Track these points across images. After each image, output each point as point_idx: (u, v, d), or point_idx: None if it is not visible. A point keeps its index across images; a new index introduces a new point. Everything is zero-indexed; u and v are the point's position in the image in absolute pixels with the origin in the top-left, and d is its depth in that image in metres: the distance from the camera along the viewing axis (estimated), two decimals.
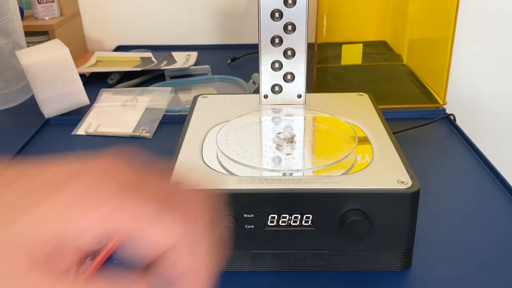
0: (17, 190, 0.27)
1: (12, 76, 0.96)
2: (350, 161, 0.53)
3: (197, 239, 0.27)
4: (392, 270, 0.51)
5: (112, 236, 0.28)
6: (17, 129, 0.86)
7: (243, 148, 0.55)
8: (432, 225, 0.59)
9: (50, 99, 0.86)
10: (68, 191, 0.27)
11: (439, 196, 0.65)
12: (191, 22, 1.29)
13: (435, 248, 0.55)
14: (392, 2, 1.03)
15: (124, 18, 1.30)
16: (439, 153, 0.77)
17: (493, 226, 0.59)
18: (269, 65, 0.64)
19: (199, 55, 1.17)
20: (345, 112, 0.63)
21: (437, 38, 0.92)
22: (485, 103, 1.29)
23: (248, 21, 1.28)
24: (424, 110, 0.88)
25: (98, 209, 0.26)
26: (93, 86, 0.98)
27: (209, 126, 0.61)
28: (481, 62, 1.26)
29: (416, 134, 0.81)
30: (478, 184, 0.68)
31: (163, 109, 0.88)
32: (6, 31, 0.94)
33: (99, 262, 0.54)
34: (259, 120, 0.63)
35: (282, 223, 0.49)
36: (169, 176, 0.31)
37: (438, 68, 0.89)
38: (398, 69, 1.03)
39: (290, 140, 0.55)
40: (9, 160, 0.74)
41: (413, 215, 0.49)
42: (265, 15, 0.61)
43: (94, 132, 0.83)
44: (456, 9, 0.81)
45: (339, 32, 0.97)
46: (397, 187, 0.48)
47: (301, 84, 0.65)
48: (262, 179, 0.50)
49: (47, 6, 1.17)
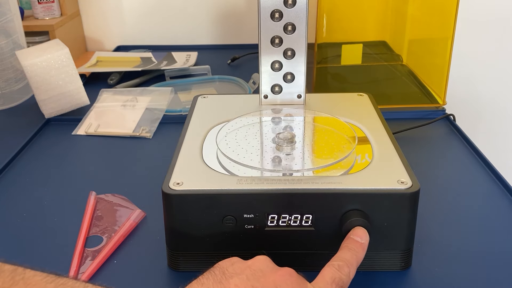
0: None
1: (12, 76, 0.96)
2: (350, 161, 0.53)
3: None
4: (392, 270, 0.52)
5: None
6: (17, 129, 0.86)
7: (243, 148, 0.55)
8: (432, 225, 0.59)
9: (50, 99, 0.86)
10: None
11: (439, 196, 0.65)
12: (191, 22, 1.29)
13: (435, 248, 0.55)
14: (392, 2, 1.03)
15: (124, 18, 1.30)
16: (439, 153, 0.77)
17: (493, 226, 0.59)
18: (269, 65, 0.64)
19: (199, 55, 1.18)
20: (345, 112, 0.63)
21: (436, 38, 0.92)
22: (485, 103, 1.29)
23: (248, 21, 1.28)
24: (424, 110, 0.88)
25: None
26: (93, 86, 0.98)
27: (209, 126, 0.61)
28: (481, 62, 1.26)
29: (416, 134, 0.81)
30: (477, 184, 0.68)
31: (163, 109, 0.88)
32: (6, 31, 0.94)
33: (99, 262, 0.54)
34: (259, 120, 0.63)
35: (282, 223, 0.49)
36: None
37: (438, 68, 0.89)
38: (398, 69, 1.03)
39: (290, 140, 0.55)
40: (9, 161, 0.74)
41: (413, 215, 0.49)
42: (265, 15, 0.61)
43: (94, 132, 0.83)
44: (456, 9, 0.81)
45: (339, 32, 0.97)
46: (397, 187, 0.48)
47: (301, 84, 0.65)
48: (262, 179, 0.50)
49: (47, 6, 1.17)
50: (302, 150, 0.56)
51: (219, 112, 0.65)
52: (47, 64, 0.84)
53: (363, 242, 0.44)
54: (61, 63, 0.85)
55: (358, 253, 0.43)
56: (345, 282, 0.41)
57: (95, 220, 0.61)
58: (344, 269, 0.41)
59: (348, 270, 0.41)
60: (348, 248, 0.44)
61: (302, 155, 0.55)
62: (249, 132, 0.59)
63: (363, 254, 0.44)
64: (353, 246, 0.44)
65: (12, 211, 0.64)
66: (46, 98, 0.85)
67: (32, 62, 0.83)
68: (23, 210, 0.64)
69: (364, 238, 0.45)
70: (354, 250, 0.43)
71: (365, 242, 0.45)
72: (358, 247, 0.44)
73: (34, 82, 0.84)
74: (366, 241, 0.45)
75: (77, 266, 0.53)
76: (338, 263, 0.42)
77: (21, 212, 0.63)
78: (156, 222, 0.59)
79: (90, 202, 0.63)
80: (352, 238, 0.45)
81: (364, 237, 0.45)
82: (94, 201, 0.64)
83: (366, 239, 0.45)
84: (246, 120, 0.62)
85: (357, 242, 0.44)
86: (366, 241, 0.45)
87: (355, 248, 0.44)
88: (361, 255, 0.44)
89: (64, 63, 0.85)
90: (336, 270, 0.41)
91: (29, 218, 0.62)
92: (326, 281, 0.40)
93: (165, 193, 0.48)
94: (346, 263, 0.42)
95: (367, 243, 0.45)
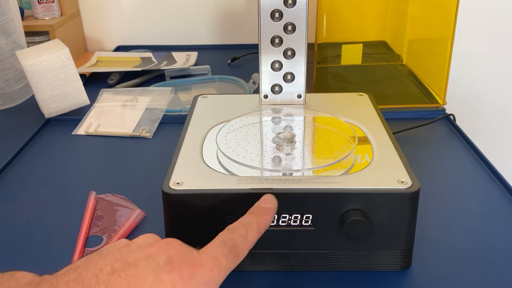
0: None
1: (12, 76, 0.96)
2: (350, 161, 0.53)
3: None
4: (392, 270, 0.52)
5: None
6: (17, 129, 0.86)
7: (243, 148, 0.55)
8: (432, 225, 0.59)
9: (50, 99, 0.86)
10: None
11: (439, 196, 0.65)
12: (191, 22, 1.29)
13: (435, 248, 0.55)
14: (392, 2, 1.03)
15: (124, 18, 1.30)
16: (439, 153, 0.77)
17: (493, 226, 0.59)
18: (269, 65, 0.64)
19: (199, 55, 1.18)
20: (345, 112, 0.63)
21: (436, 38, 0.92)
22: (485, 103, 1.29)
23: (248, 21, 1.28)
24: (424, 110, 0.88)
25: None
26: (93, 86, 0.98)
27: (209, 126, 0.61)
28: (481, 62, 1.26)
29: (416, 134, 0.81)
30: (477, 184, 0.68)
31: (163, 109, 0.88)
32: (6, 31, 0.94)
33: None
34: (259, 120, 0.63)
35: (282, 223, 0.49)
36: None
37: (438, 68, 0.89)
38: (398, 69, 1.03)
39: (290, 140, 0.55)
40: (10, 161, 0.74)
41: (413, 215, 0.49)
42: (265, 15, 0.61)
43: (94, 132, 0.83)
44: (456, 9, 0.81)
45: (339, 32, 0.97)
46: (397, 187, 0.48)
47: (301, 84, 0.65)
48: (262, 179, 0.50)
49: (47, 6, 1.17)
50: (302, 150, 0.56)
51: (219, 112, 0.65)
52: (47, 64, 0.84)
53: (268, 206, 0.43)
54: (61, 63, 0.85)
55: (261, 216, 0.42)
56: (238, 242, 0.38)
57: (95, 220, 0.61)
58: (239, 230, 0.39)
59: (244, 231, 0.39)
60: (251, 212, 0.42)
61: (302, 155, 0.55)
62: (249, 132, 0.59)
63: (269, 218, 0.42)
64: (256, 210, 0.43)
65: (12, 211, 0.64)
66: (46, 98, 0.85)
67: (32, 62, 0.83)
68: (23, 210, 0.64)
69: (270, 203, 0.44)
70: (256, 214, 0.42)
71: (271, 207, 0.43)
72: (261, 211, 0.42)
73: (34, 82, 0.84)
74: (272, 206, 0.43)
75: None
76: (233, 226, 0.40)
77: (21, 212, 0.63)
78: (156, 222, 0.59)
79: (90, 202, 0.63)
80: (257, 204, 0.43)
81: (270, 202, 0.44)
82: (94, 201, 0.64)
83: (272, 204, 0.44)
84: (246, 120, 0.62)
85: (261, 207, 0.43)
86: (273, 206, 0.44)
87: (258, 212, 0.42)
88: (266, 219, 0.42)
89: (64, 63, 0.85)
90: (228, 232, 0.39)
91: (29, 218, 0.62)
92: (213, 244, 0.38)
93: (165, 193, 0.48)
94: (243, 225, 0.40)
95: (273, 208, 0.43)
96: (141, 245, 0.37)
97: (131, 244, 0.38)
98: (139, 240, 0.39)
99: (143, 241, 0.38)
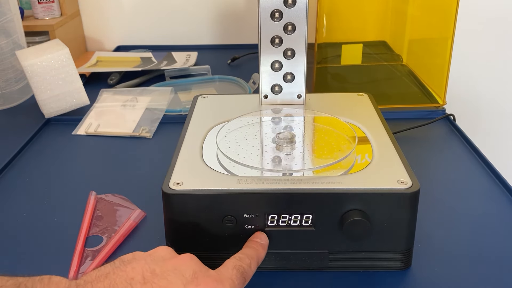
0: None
1: (12, 76, 0.96)
2: (350, 161, 0.53)
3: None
4: (392, 270, 0.52)
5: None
6: (17, 129, 0.86)
7: (243, 148, 0.55)
8: (432, 225, 0.59)
9: (50, 99, 0.86)
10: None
11: (439, 196, 0.65)
12: (191, 22, 1.29)
13: (435, 248, 0.55)
14: (392, 2, 1.03)
15: (124, 18, 1.30)
16: (439, 153, 0.77)
17: (492, 226, 0.59)
18: (269, 65, 0.64)
19: (199, 55, 1.18)
20: (345, 112, 0.63)
21: (436, 38, 0.92)
22: (485, 103, 1.29)
23: (248, 21, 1.28)
24: (424, 110, 0.88)
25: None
26: (93, 86, 0.98)
27: (209, 126, 0.61)
28: (481, 62, 1.26)
29: (416, 134, 0.81)
30: (477, 184, 0.68)
31: (163, 109, 0.88)
32: (6, 31, 0.94)
33: (99, 262, 0.54)
34: (259, 120, 0.63)
35: (282, 223, 0.49)
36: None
37: (438, 68, 0.89)
38: (398, 69, 1.03)
39: (290, 140, 0.55)
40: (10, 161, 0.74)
41: (413, 215, 0.49)
42: (265, 15, 0.61)
43: (94, 132, 0.83)
44: (456, 9, 0.81)
45: (339, 32, 0.97)
46: (397, 187, 0.48)
47: (301, 84, 0.65)
48: (262, 179, 0.50)
49: (47, 6, 1.17)
50: (302, 150, 0.56)
51: (219, 112, 0.65)
52: (47, 64, 0.84)
53: (262, 242, 0.49)
54: (61, 63, 0.85)
55: (258, 250, 0.48)
56: (246, 270, 0.44)
57: (95, 220, 0.61)
58: (245, 260, 0.45)
59: (249, 261, 0.45)
60: (249, 246, 0.48)
61: (302, 155, 0.55)
62: (249, 132, 0.59)
63: (263, 252, 0.48)
64: (253, 245, 0.48)
65: (12, 211, 0.64)
66: (46, 98, 0.85)
67: (32, 62, 0.83)
68: (23, 210, 0.64)
69: (263, 239, 0.49)
70: (254, 248, 0.48)
71: (264, 243, 0.49)
72: (258, 246, 0.48)
73: (34, 82, 0.84)
74: (265, 242, 0.49)
75: (77, 266, 0.53)
76: (240, 255, 0.46)
77: (21, 212, 0.63)
78: (156, 222, 0.59)
79: (90, 202, 0.63)
80: (252, 239, 0.49)
81: (264, 239, 0.49)
82: (94, 201, 0.64)
83: (265, 241, 0.49)
84: (246, 120, 0.62)
85: (257, 242, 0.49)
86: (265, 242, 0.49)
87: (256, 246, 0.48)
88: (261, 253, 0.48)
89: (64, 63, 0.85)
90: (237, 260, 0.45)
91: (29, 218, 0.62)
92: (228, 267, 0.43)
93: (165, 193, 0.48)
94: (247, 256, 0.46)
95: (266, 244, 0.49)
96: (164, 257, 0.41)
97: (153, 254, 0.41)
98: (159, 251, 0.42)
99: (165, 253, 0.42)
